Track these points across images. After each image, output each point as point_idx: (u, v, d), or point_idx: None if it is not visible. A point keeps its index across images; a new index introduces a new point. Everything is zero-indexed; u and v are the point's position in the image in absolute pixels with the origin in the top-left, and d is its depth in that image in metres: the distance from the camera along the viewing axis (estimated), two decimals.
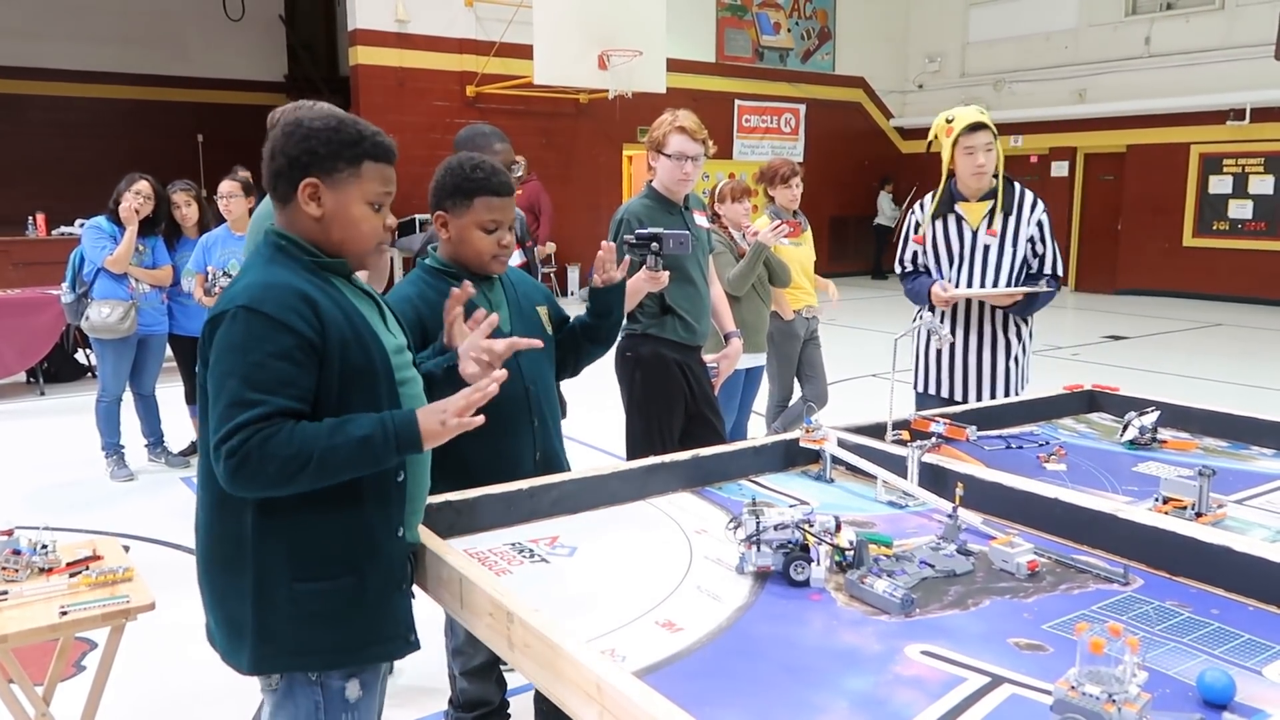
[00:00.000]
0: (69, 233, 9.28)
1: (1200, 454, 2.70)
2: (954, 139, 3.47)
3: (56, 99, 14.65)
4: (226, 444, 1.54)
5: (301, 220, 1.71)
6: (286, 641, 1.67)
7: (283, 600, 1.66)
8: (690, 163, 3.31)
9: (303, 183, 1.68)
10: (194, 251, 5.34)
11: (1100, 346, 10.29)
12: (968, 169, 3.50)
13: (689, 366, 3.46)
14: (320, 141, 1.67)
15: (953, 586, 1.79)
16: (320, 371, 1.63)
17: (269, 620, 1.66)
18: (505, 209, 2.31)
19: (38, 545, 2.52)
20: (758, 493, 2.36)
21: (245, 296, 1.61)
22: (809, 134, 16.29)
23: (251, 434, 1.54)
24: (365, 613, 1.72)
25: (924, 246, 3.63)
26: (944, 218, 3.60)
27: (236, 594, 1.67)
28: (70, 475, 5.51)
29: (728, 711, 1.35)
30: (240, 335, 1.58)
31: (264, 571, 1.65)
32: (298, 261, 1.70)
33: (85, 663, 3.23)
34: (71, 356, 8.22)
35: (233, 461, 1.54)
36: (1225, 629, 1.62)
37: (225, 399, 1.57)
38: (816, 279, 5.40)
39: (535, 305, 2.45)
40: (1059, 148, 15.68)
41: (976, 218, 3.56)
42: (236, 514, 1.65)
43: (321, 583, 1.67)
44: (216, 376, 1.59)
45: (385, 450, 1.62)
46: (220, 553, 1.69)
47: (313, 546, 1.67)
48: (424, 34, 12.40)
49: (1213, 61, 13.81)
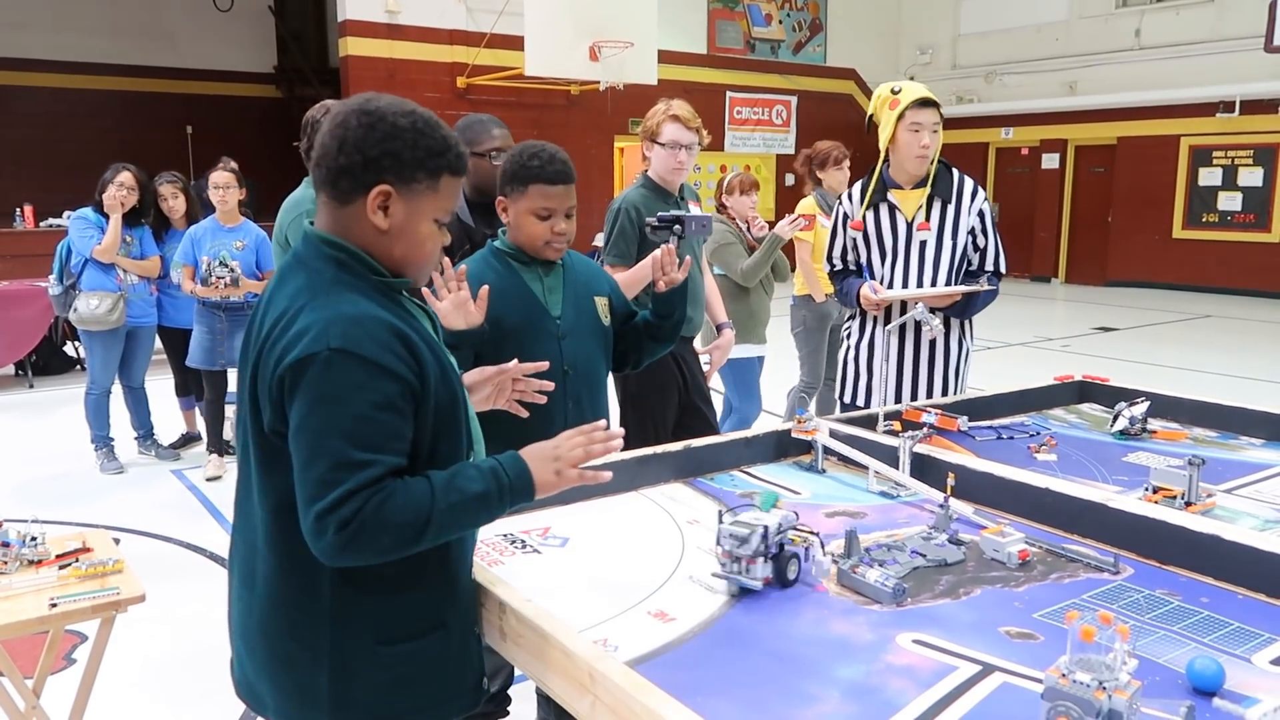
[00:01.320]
0: (56, 224, 9.24)
1: (1190, 444, 2.71)
2: (900, 112, 3.13)
3: (44, 90, 14.55)
4: (335, 514, 1.35)
5: (361, 228, 1.49)
6: (367, 709, 1.52)
7: (366, 666, 1.50)
8: (684, 151, 3.31)
9: (377, 188, 1.46)
10: (181, 243, 5.31)
11: (1090, 338, 10.33)
12: (911, 148, 3.15)
13: (682, 357, 3.46)
14: (405, 144, 1.46)
15: (944, 576, 1.80)
16: (416, 415, 1.46)
17: (348, 689, 1.50)
18: (559, 197, 2.31)
19: (27, 538, 2.51)
20: (749, 483, 2.36)
21: (337, 336, 1.38)
22: (800, 126, 16.27)
23: (365, 500, 1.36)
24: (448, 666, 1.59)
25: (861, 234, 3.30)
26: (875, 207, 3.28)
27: (310, 662, 1.50)
28: (59, 468, 5.49)
29: (720, 701, 1.36)
30: (339, 384, 1.37)
31: (345, 637, 1.49)
32: (365, 281, 1.48)
33: (75, 655, 3.22)
34: (60, 349, 8.19)
35: (346, 533, 1.35)
36: (1214, 617, 1.63)
37: (327, 460, 1.36)
38: None
39: (594, 295, 2.46)
40: (1050, 140, 15.71)
41: (911, 208, 3.24)
42: (312, 576, 1.47)
43: (408, 643, 1.53)
44: (310, 433, 1.38)
45: (500, 505, 1.49)
46: (289, 619, 1.51)
47: (401, 605, 1.52)
48: (414, 25, 12.36)
49: (1203, 54, 13.85)
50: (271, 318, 1.47)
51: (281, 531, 1.46)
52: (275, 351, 1.43)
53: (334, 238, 1.50)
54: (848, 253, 3.39)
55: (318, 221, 1.55)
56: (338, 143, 1.47)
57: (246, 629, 1.56)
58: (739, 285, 4.67)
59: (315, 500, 1.36)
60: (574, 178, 2.36)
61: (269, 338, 1.45)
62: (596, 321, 2.45)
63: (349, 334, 1.39)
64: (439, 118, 1.54)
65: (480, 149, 3.01)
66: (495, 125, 3.09)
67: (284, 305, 1.46)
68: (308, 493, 1.38)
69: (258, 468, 1.49)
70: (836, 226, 3.42)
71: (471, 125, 3.09)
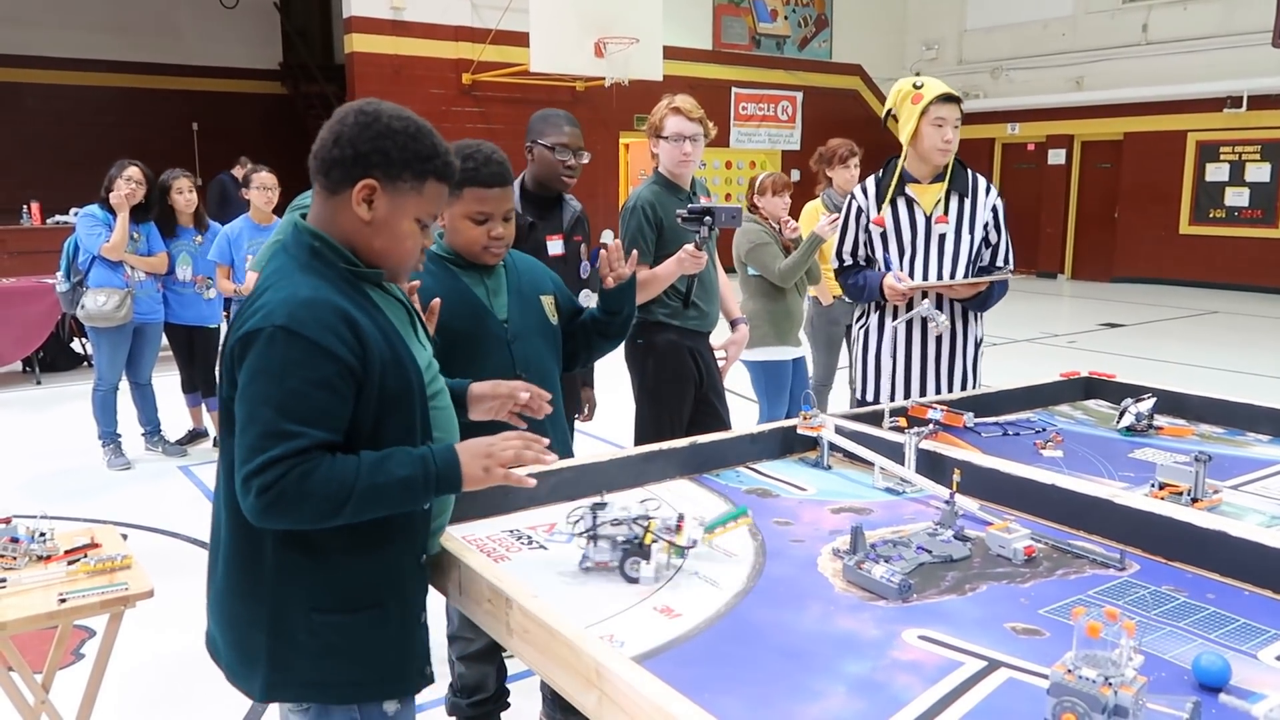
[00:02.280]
0: (63, 221, 9.25)
1: (1196, 440, 2.71)
2: (923, 107, 3.16)
3: (50, 87, 14.57)
4: (259, 478, 1.45)
5: (345, 219, 1.59)
6: (301, 673, 1.60)
7: (300, 631, 1.58)
8: (689, 143, 3.31)
9: (362, 181, 1.56)
10: (215, 243, 5.40)
11: (1097, 334, 10.30)
12: (935, 142, 3.17)
13: (700, 353, 3.46)
14: (395, 145, 1.56)
15: (950, 572, 1.80)
16: (358, 397, 1.54)
17: (284, 651, 1.59)
18: (496, 200, 2.24)
19: (35, 533, 2.52)
20: (755, 479, 2.37)
21: (283, 315, 1.49)
22: (806, 121, 16.25)
23: (287, 469, 1.45)
24: (384, 647, 1.64)
25: (883, 229, 3.27)
26: (894, 202, 3.27)
27: (251, 621, 1.60)
28: (67, 464, 5.51)
29: (726, 697, 1.36)
30: (278, 359, 1.47)
31: (282, 601, 1.58)
32: (333, 269, 1.59)
33: (84, 650, 3.24)
34: (67, 345, 8.22)
35: (266, 498, 1.45)
36: (1221, 613, 1.63)
37: (258, 428, 1.47)
38: None
39: (540, 294, 2.43)
40: (1056, 135, 15.67)
41: (930, 202, 3.24)
42: (257, 540, 1.57)
43: (341, 615, 1.60)
44: (248, 401, 1.49)
45: (425, 492, 1.56)
46: (237, 579, 1.61)
47: (335, 577, 1.59)
48: (420, 21, 12.35)
49: (1210, 49, 13.80)
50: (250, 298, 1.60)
51: (234, 495, 1.54)
52: (235, 325, 1.56)
53: (315, 229, 1.61)
54: (859, 248, 3.36)
55: (310, 213, 1.66)
56: (333, 136, 1.58)
57: (211, 586, 1.68)
58: (775, 286, 4.56)
59: (244, 464, 1.47)
60: (510, 179, 2.28)
61: (237, 319, 1.58)
62: (544, 321, 2.41)
63: (295, 314, 1.49)
64: (434, 129, 1.64)
65: (547, 141, 3.04)
66: (568, 122, 3.10)
67: (259, 286, 1.60)
68: (240, 456, 1.49)
69: (223, 435, 1.60)
70: (848, 222, 3.37)
71: (546, 118, 3.12)
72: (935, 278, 3.23)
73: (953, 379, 3.29)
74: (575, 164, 3.08)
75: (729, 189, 15.08)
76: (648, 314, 3.37)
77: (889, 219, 3.27)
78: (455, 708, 2.70)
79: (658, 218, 3.28)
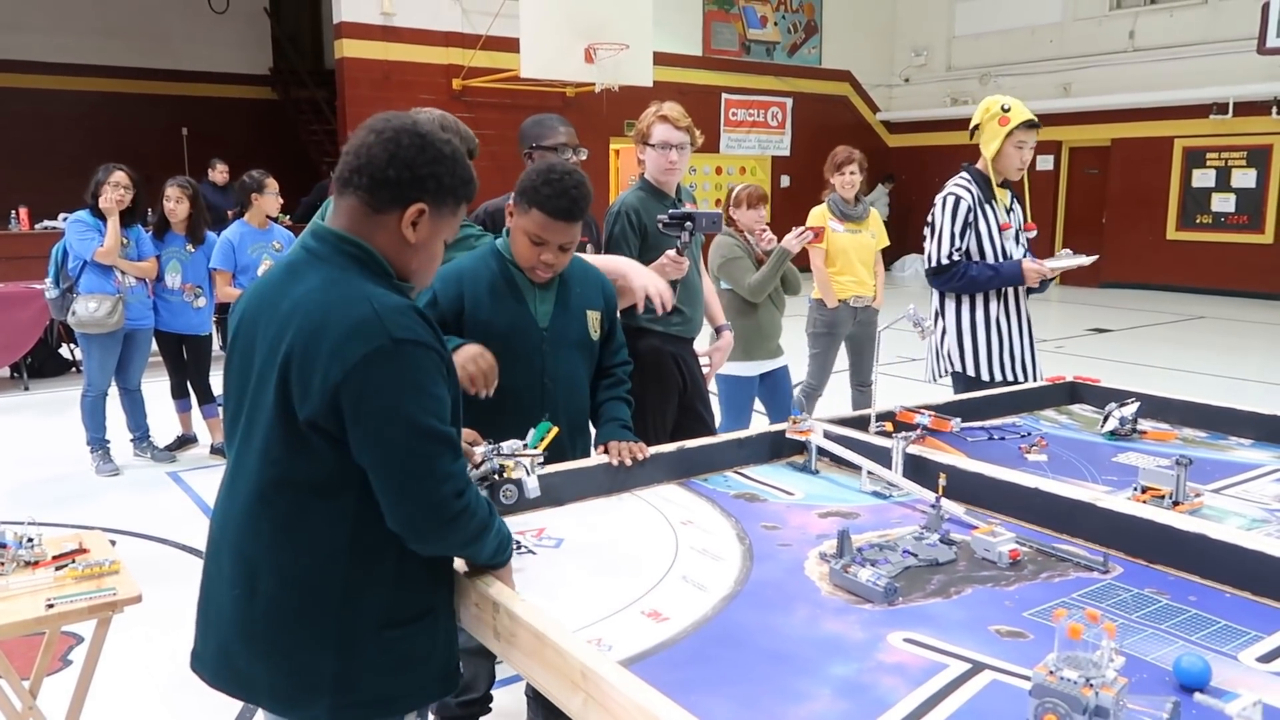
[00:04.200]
0: (52, 226, 9.23)
1: (1179, 444, 2.73)
2: (1010, 129, 3.59)
3: (38, 92, 14.50)
4: (466, 494, 1.53)
5: (386, 237, 1.58)
6: (368, 691, 1.57)
7: (371, 648, 1.56)
8: (675, 151, 3.32)
9: (416, 204, 1.56)
10: (218, 249, 5.42)
11: (1084, 339, 10.35)
12: (1014, 162, 3.64)
13: (683, 359, 3.47)
14: (445, 171, 1.58)
15: (935, 575, 1.81)
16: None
17: (353, 671, 1.55)
18: (557, 231, 2.26)
19: (23, 539, 2.51)
20: (743, 484, 2.38)
21: (396, 327, 1.47)
22: (796, 128, 16.30)
23: (470, 484, 1.55)
24: (436, 651, 1.65)
25: (1010, 231, 3.70)
26: (988, 203, 3.69)
27: (318, 643, 1.54)
28: (55, 470, 5.49)
29: (713, 699, 1.37)
30: (413, 369, 1.48)
31: (352, 619, 1.55)
32: (385, 281, 1.57)
33: (72, 657, 3.22)
34: (56, 351, 8.18)
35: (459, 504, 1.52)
36: (1201, 615, 1.65)
37: (434, 445, 1.49)
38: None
39: (587, 308, 2.45)
40: (1044, 141, 15.47)
41: (1003, 207, 3.73)
42: (324, 560, 1.53)
43: (407, 627, 1.60)
44: (402, 421, 1.47)
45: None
46: (299, 601, 1.54)
47: (401, 589, 1.59)
48: (410, 27, 12.35)
49: (1196, 55, 13.89)
50: (292, 311, 1.52)
51: (299, 516, 1.52)
52: (322, 347, 1.47)
53: (353, 236, 1.57)
54: (966, 245, 3.69)
55: (334, 221, 1.60)
56: (388, 155, 1.55)
57: (245, 616, 1.57)
58: (746, 301, 4.52)
59: (445, 482, 1.50)
60: (579, 216, 2.28)
61: (302, 331, 1.49)
62: (585, 335, 2.43)
63: (400, 323, 1.49)
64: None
65: (549, 143, 3.12)
66: (561, 123, 3.21)
67: (309, 299, 1.52)
68: (410, 471, 1.48)
69: (279, 455, 1.53)
70: (951, 221, 3.64)
71: (540, 122, 3.21)
72: None
73: (1035, 362, 3.80)
74: (577, 162, 3.11)
75: (720, 195, 15.10)
76: (630, 319, 3.38)
77: (991, 217, 3.69)
78: (444, 706, 2.68)
79: (641, 223, 3.29)
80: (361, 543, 1.54)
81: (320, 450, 1.51)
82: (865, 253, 5.27)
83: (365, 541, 1.55)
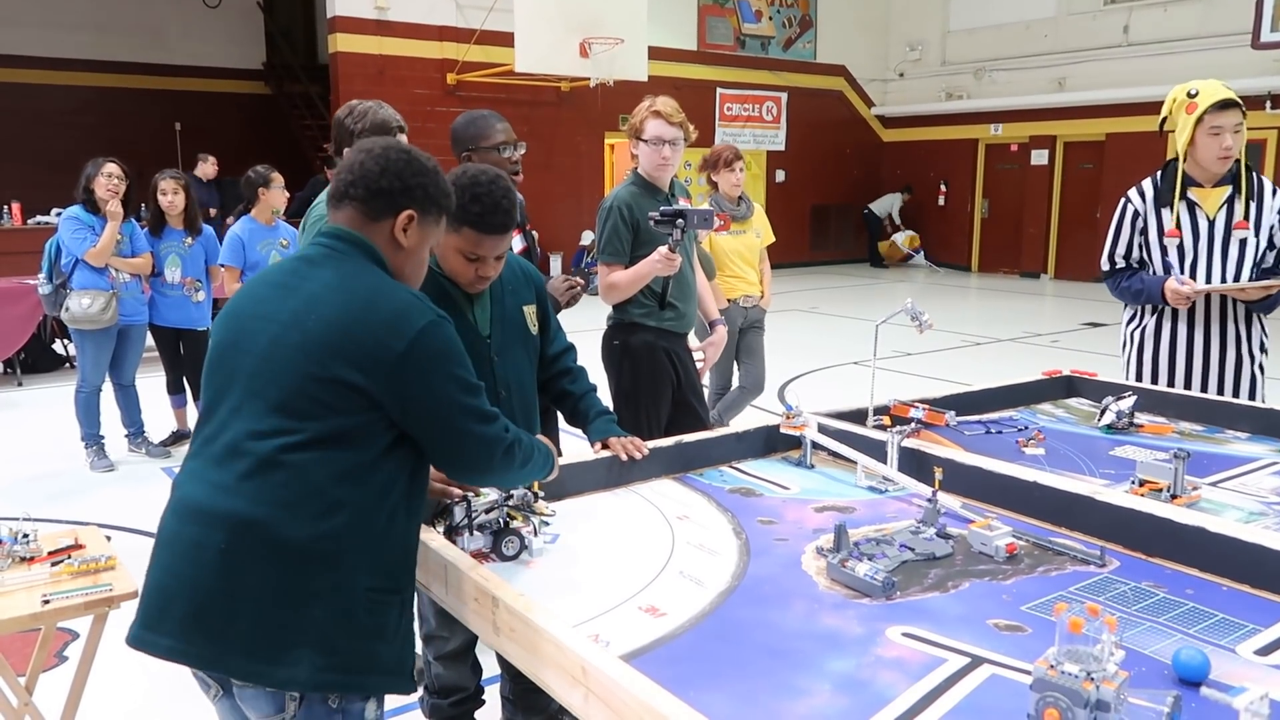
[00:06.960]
0: (45, 222, 9.18)
1: (1176, 438, 2.74)
2: (1198, 116, 3.14)
3: (30, 86, 14.43)
4: (510, 428, 1.78)
5: (383, 243, 1.75)
6: (348, 653, 1.57)
7: (360, 609, 1.58)
8: (668, 146, 3.31)
9: (406, 210, 1.74)
10: (227, 245, 5.33)
11: (1079, 333, 10.37)
12: (1212, 151, 3.13)
13: (676, 354, 3.47)
14: (430, 182, 1.77)
15: (933, 569, 1.81)
16: None
17: (339, 630, 1.56)
18: (491, 245, 2.17)
19: (19, 534, 2.51)
20: (739, 478, 2.38)
21: (429, 309, 1.68)
22: (790, 122, 16.28)
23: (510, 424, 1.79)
24: (402, 635, 1.67)
25: (1177, 240, 3.22)
26: (1172, 205, 3.25)
27: (310, 596, 1.55)
28: (50, 466, 5.47)
29: (711, 694, 1.37)
30: (453, 343, 1.69)
31: (346, 575, 1.57)
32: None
33: (68, 653, 3.22)
34: (49, 347, 8.15)
35: (516, 441, 1.78)
36: (1199, 608, 1.65)
37: (479, 396, 1.72)
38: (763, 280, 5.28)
39: (522, 304, 2.39)
40: (1039, 136, 15.74)
41: (1213, 206, 3.20)
42: (328, 510, 1.57)
43: (388, 595, 1.63)
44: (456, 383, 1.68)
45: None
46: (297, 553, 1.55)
47: (388, 551, 1.64)
48: (404, 21, 12.32)
49: (1190, 50, 13.88)
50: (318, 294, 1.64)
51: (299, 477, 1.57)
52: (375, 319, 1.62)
53: (364, 238, 1.74)
54: (1132, 250, 3.35)
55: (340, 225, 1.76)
56: (380, 168, 1.74)
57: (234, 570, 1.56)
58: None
59: (496, 425, 1.75)
60: (514, 224, 2.22)
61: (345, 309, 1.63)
62: (525, 332, 2.38)
63: (432, 305, 1.69)
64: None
65: (488, 143, 3.02)
66: (496, 119, 3.08)
67: (339, 284, 1.66)
68: (471, 417, 1.71)
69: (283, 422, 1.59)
70: (1121, 224, 3.37)
71: (474, 121, 3.07)
72: (1220, 280, 3.17)
73: (1239, 384, 3.22)
74: (518, 158, 3.08)
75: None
76: (624, 315, 3.38)
77: (1168, 224, 3.25)
78: (436, 709, 2.63)
79: (634, 219, 3.29)
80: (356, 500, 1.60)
81: (340, 407, 1.59)
82: (748, 253, 5.20)
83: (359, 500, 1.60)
